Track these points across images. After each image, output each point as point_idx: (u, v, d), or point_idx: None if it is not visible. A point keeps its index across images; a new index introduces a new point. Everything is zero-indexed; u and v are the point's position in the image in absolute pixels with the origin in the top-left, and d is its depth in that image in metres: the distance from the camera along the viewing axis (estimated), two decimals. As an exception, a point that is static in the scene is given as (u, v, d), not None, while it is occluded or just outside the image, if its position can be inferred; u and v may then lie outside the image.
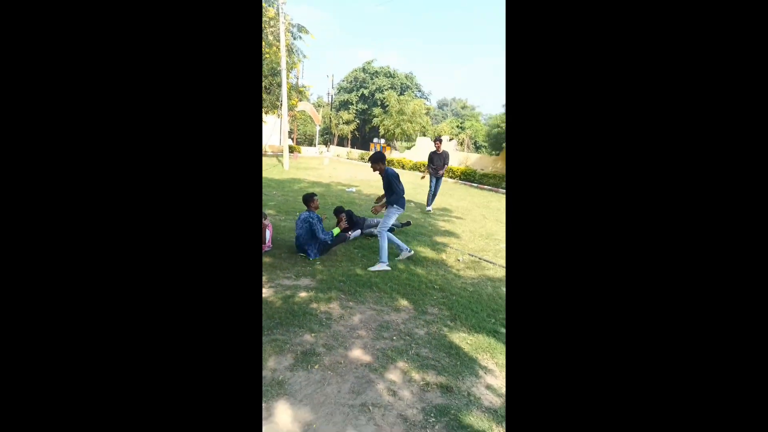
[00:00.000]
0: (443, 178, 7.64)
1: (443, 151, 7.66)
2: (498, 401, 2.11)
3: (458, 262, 4.58)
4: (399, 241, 4.36)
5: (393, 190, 4.08)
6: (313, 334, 2.63)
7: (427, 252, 4.85)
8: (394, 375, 2.27)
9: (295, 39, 16.25)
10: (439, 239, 5.56)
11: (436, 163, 7.57)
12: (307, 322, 2.78)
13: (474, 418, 1.95)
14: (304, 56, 16.92)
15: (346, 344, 2.56)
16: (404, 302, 3.30)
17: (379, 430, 1.82)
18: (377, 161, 4.07)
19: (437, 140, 7.71)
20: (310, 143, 30.82)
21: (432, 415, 1.95)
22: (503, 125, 13.06)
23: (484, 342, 2.73)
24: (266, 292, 3.24)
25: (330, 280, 3.60)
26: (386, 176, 4.08)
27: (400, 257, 4.34)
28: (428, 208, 7.62)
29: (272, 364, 2.25)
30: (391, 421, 1.90)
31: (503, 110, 14.51)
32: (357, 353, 2.46)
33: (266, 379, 2.11)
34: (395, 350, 2.53)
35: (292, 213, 6.34)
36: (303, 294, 3.27)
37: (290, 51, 15.28)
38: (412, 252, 4.47)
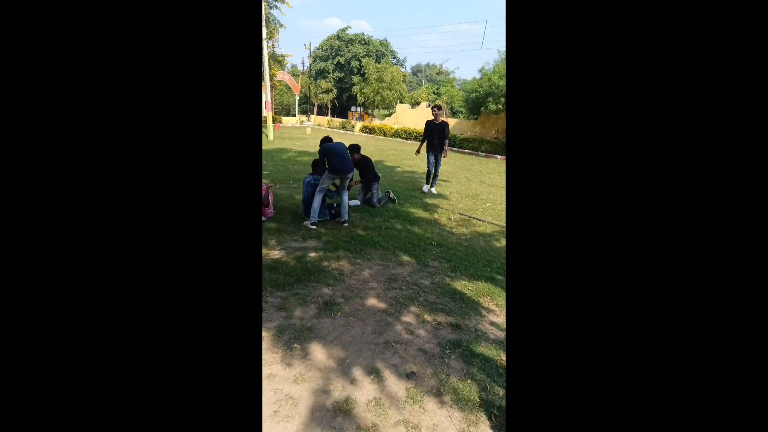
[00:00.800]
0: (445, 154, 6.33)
1: (442, 121, 6.24)
2: (502, 335, 2.42)
3: (450, 221, 4.85)
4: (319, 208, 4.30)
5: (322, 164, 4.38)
6: (329, 288, 2.85)
7: (420, 213, 5.09)
8: (408, 318, 2.53)
9: (271, 8, 15.53)
10: (430, 201, 5.80)
11: (436, 138, 6.23)
12: (323, 277, 3.00)
13: (483, 348, 2.24)
14: (281, 25, 16.27)
15: (361, 294, 2.79)
16: (407, 257, 3.55)
17: (404, 362, 2.09)
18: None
19: (435, 108, 6.39)
20: (287, 113, 30.00)
21: (447, 347, 2.24)
22: (481, 90, 13.13)
23: (484, 287, 3.02)
24: (278, 253, 3.42)
25: (335, 242, 3.80)
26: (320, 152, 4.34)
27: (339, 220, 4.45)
28: (427, 188, 6.45)
29: (299, 314, 2.47)
30: (413, 353, 2.17)
31: (479, 75, 14.49)
32: (372, 302, 2.71)
33: (296, 326, 2.33)
34: (406, 298, 2.79)
35: (285, 181, 6.42)
36: (313, 254, 3.46)
37: (267, 20, 14.66)
38: (346, 221, 4.43)
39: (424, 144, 6.47)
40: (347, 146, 4.60)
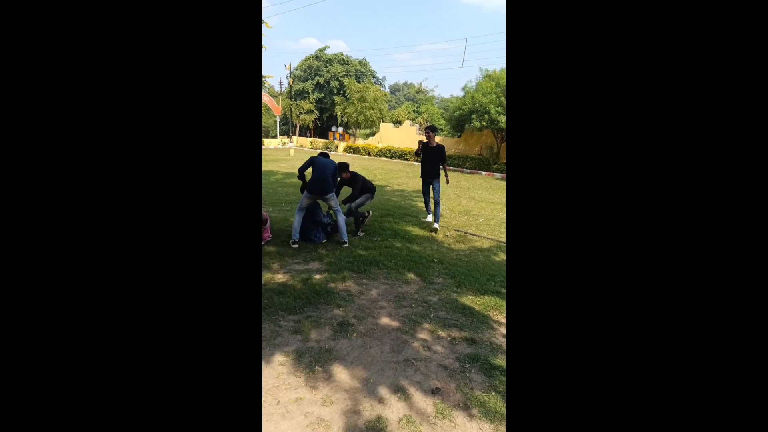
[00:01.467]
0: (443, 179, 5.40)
1: (437, 144, 5.17)
2: (515, 346, 2.49)
3: (447, 237, 4.95)
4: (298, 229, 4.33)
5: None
6: (341, 309, 2.87)
7: (417, 231, 5.17)
8: (423, 335, 2.57)
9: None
10: (424, 218, 5.91)
11: (430, 164, 5.17)
12: (332, 299, 3.01)
13: (501, 361, 2.30)
14: (263, 46, 16.44)
15: (373, 314, 2.82)
16: (411, 275, 3.60)
17: (427, 378, 2.12)
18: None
19: (429, 130, 5.26)
20: (265, 135, 30.03)
21: (466, 362, 2.28)
22: (464, 108, 13.54)
23: (491, 301, 3.10)
24: (283, 277, 3.41)
25: (338, 262, 3.82)
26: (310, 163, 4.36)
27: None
28: (436, 225, 5.21)
29: (315, 336, 2.47)
30: (434, 369, 2.20)
31: (461, 93, 14.96)
32: (385, 320, 2.74)
33: (314, 349, 2.33)
34: (417, 315, 2.83)
35: (278, 204, 6.41)
36: (318, 276, 3.47)
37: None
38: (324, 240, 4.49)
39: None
40: (339, 164, 4.62)
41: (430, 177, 5.30)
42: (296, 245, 4.23)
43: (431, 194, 5.33)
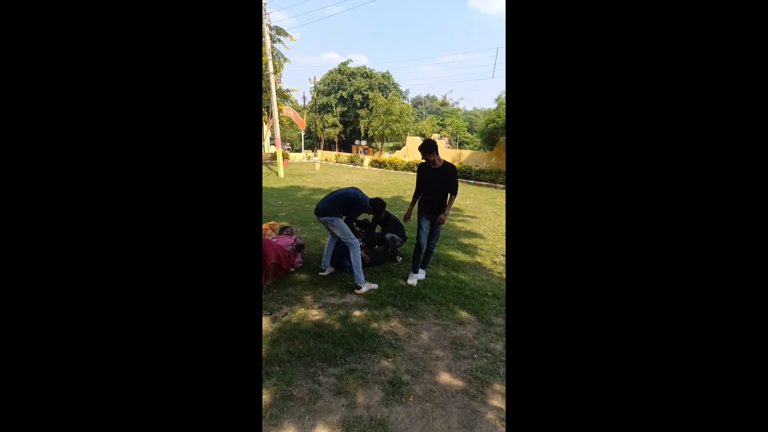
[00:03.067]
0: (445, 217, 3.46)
1: (445, 164, 3.44)
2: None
3: (496, 264, 4.43)
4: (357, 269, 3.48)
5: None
6: (389, 360, 2.40)
7: (460, 256, 4.67)
8: (496, 400, 2.06)
9: (274, 42, 15.79)
10: (466, 241, 5.40)
11: (437, 192, 3.44)
12: (378, 345, 2.55)
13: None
14: (285, 59, 16.48)
15: (428, 368, 2.34)
16: (464, 314, 3.11)
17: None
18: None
19: (425, 149, 3.42)
20: (291, 149, 30.24)
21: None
22: (498, 120, 13.04)
23: (568, 352, 2.56)
24: (318, 313, 2.98)
25: (378, 296, 3.36)
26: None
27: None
28: (413, 279, 3.66)
29: (363, 400, 2.01)
30: (521, 457, 1.69)
31: (484, 106, 14.50)
32: (445, 378, 2.25)
33: (364, 420, 1.87)
34: (483, 371, 2.33)
35: (307, 223, 6.05)
36: (357, 313, 3.02)
37: (272, 54, 14.84)
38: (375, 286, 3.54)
39: (416, 203, 3.68)
40: (371, 200, 4.01)
41: (433, 211, 3.46)
42: (324, 273, 3.80)
43: (427, 237, 3.53)
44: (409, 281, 3.65)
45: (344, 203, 3.59)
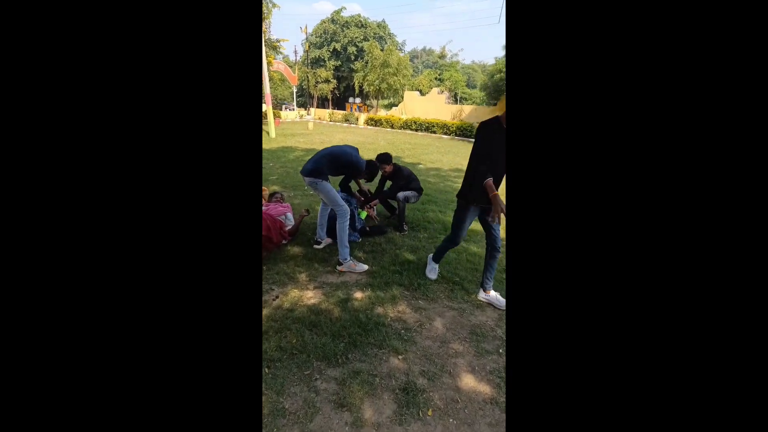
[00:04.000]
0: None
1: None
2: None
3: (509, 234, 4.01)
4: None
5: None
6: (399, 357, 2.01)
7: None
8: (532, 410, 1.69)
9: (261, -16, 14.26)
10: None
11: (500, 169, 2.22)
12: (384, 337, 2.15)
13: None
14: (274, 5, 15.03)
15: (447, 367, 1.95)
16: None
17: None
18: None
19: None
20: (281, 107, 28.82)
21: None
22: (504, 71, 12.19)
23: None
24: (313, 295, 2.57)
25: (382, 272, 2.95)
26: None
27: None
28: (434, 270, 2.94)
29: (371, 415, 1.63)
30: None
31: (484, 59, 13.58)
32: (469, 382, 1.87)
33: (373, 441, 1.49)
34: (512, 369, 1.95)
35: (299, 187, 5.53)
36: (359, 294, 2.61)
37: (258, -1, 13.48)
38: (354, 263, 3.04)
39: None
40: (378, 156, 3.75)
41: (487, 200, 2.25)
42: (320, 245, 3.37)
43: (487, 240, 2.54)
44: (428, 274, 2.92)
45: (335, 164, 3.04)
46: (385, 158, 3.85)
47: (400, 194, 3.86)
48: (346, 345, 2.07)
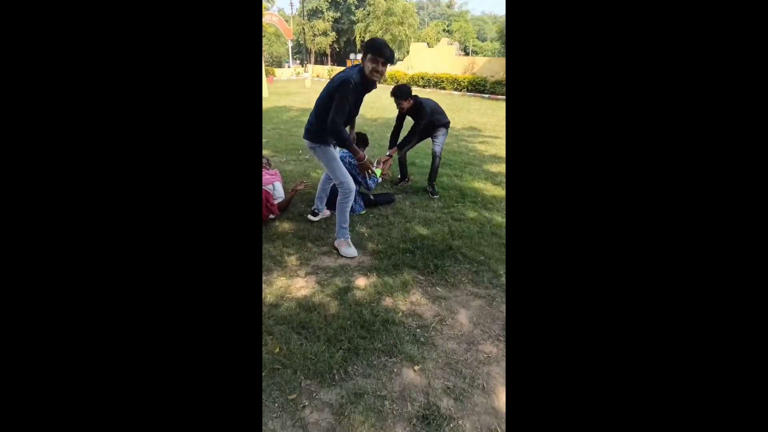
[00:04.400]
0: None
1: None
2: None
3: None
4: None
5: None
6: (416, 368, 1.54)
7: (490, 188, 3.67)
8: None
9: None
10: (494, 168, 4.36)
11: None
12: (394, 340, 1.68)
13: None
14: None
15: (478, 381, 1.48)
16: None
17: None
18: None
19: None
20: (278, 64, 27.26)
21: None
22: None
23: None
24: (306, 285, 2.08)
25: (389, 251, 2.44)
26: None
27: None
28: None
29: (380, 465, 1.17)
30: None
31: (494, 11, 12.44)
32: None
33: None
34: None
35: (293, 152, 4.95)
36: (362, 282, 2.12)
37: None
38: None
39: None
40: (393, 90, 3.13)
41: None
42: (315, 218, 2.84)
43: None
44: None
45: (325, 107, 2.30)
46: (403, 91, 3.11)
47: (437, 147, 3.25)
48: (344, 354, 1.59)
